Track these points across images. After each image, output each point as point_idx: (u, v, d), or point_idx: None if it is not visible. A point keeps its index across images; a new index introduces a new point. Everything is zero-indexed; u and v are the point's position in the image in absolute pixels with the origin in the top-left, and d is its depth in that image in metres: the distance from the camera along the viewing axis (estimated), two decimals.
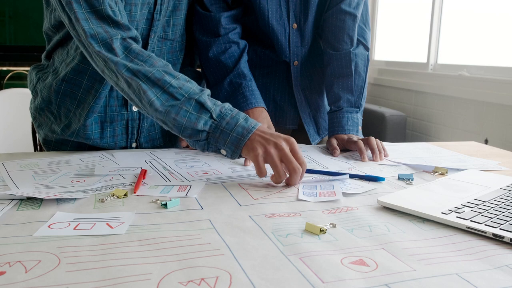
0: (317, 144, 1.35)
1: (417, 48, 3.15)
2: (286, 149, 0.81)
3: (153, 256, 0.53)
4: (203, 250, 0.55)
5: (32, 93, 1.10)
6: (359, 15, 1.25)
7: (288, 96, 1.31)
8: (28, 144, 1.58)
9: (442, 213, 0.66)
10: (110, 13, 0.87)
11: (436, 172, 0.94)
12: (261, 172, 0.82)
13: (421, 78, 3.02)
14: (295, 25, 1.23)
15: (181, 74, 0.89)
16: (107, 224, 0.62)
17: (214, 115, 0.84)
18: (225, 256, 0.53)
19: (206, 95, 0.87)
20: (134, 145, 1.13)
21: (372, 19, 3.71)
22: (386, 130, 2.82)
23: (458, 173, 0.91)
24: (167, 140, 1.21)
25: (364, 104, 1.27)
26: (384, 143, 1.23)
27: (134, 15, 0.98)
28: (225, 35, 1.16)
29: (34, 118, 1.11)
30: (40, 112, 1.08)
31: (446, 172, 0.94)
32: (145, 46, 1.04)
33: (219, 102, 0.87)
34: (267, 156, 0.81)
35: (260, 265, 0.51)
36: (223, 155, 0.86)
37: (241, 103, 1.10)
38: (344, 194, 0.78)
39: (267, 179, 0.87)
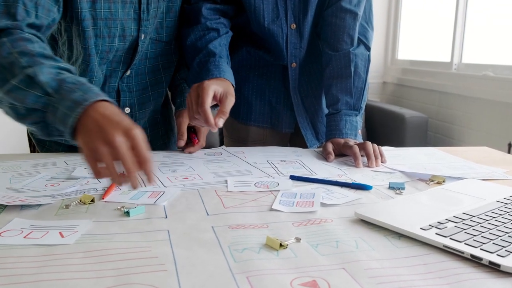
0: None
1: (440, 47, 3.03)
2: (122, 146, 0.64)
3: (92, 270, 0.50)
4: (147, 264, 0.51)
5: None
6: (360, 13, 1.19)
7: (284, 99, 1.26)
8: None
9: (421, 228, 0.61)
10: (20, 11, 0.80)
11: (432, 180, 0.88)
12: (95, 174, 0.67)
13: (445, 78, 2.90)
14: (293, 25, 1.18)
15: (40, 50, 0.76)
16: (60, 233, 0.60)
17: (49, 90, 0.70)
18: (167, 273, 0.49)
19: (47, 68, 0.73)
20: None
21: (395, 17, 3.60)
22: (406, 132, 2.71)
23: (455, 183, 0.84)
24: (159, 142, 1.18)
25: (364, 106, 1.21)
26: (386, 148, 1.17)
27: (115, 13, 0.95)
28: (204, 24, 1.10)
29: None
30: None
31: (444, 181, 0.87)
32: (135, 47, 1.02)
33: (66, 76, 0.73)
34: (96, 154, 0.65)
35: (201, 284, 0.47)
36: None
37: (204, 77, 0.99)
38: (323, 204, 0.73)
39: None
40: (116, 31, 0.96)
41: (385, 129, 2.97)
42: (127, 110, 1.07)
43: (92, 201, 0.72)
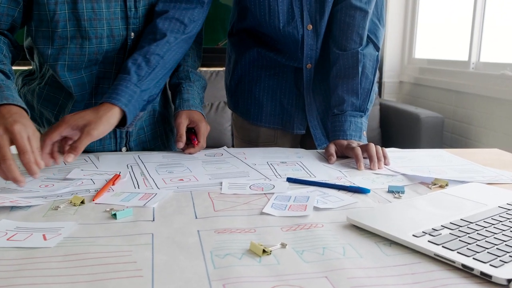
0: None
1: (458, 45, 2.96)
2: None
3: (67, 274, 0.49)
4: (124, 270, 0.50)
5: None
6: (370, 11, 1.16)
7: (296, 99, 1.24)
8: None
9: (413, 235, 0.58)
10: None
11: (435, 184, 0.85)
12: None
13: (462, 77, 2.83)
14: (310, 26, 1.15)
15: None
16: (43, 235, 0.59)
17: None
18: (143, 279, 0.48)
19: None
20: (124, 149, 1.10)
21: (412, 15, 3.53)
22: (420, 132, 2.66)
23: (457, 187, 0.81)
24: (158, 142, 1.17)
25: (371, 108, 1.18)
26: (392, 149, 1.14)
27: (99, 13, 0.94)
28: (152, 22, 1.02)
29: None
30: None
31: (446, 185, 0.84)
32: (125, 46, 1.01)
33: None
34: None
35: None
36: None
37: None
38: (316, 208, 0.71)
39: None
40: (103, 32, 0.96)
41: (400, 130, 2.91)
42: None
43: (82, 202, 0.71)
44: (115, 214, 0.65)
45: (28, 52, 1.06)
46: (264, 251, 0.54)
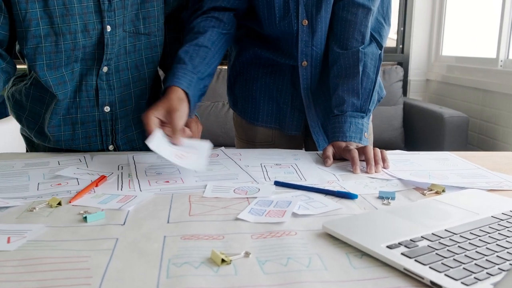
0: None
1: (486, 42, 2.83)
2: None
3: (16, 280, 0.48)
4: (75, 277, 0.49)
5: (5, 98, 1.12)
6: (374, 9, 1.11)
7: (292, 99, 1.20)
8: None
9: (387, 247, 0.54)
10: None
11: (431, 190, 0.80)
12: None
13: (490, 75, 2.71)
14: (305, 21, 1.12)
15: None
16: (8, 238, 0.58)
17: None
18: (89, 287, 0.47)
19: None
20: (111, 147, 1.09)
21: (440, 11, 3.41)
22: (444, 132, 2.56)
23: (453, 193, 0.76)
24: None
25: (373, 109, 1.13)
26: (395, 152, 1.09)
27: (71, 8, 0.93)
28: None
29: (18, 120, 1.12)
30: (16, 117, 1.09)
31: (443, 191, 0.79)
32: (102, 41, 0.98)
33: None
34: None
35: None
36: None
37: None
38: (295, 214, 0.68)
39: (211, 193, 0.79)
40: (76, 27, 0.95)
41: (423, 129, 2.82)
42: (107, 108, 1.05)
43: (59, 204, 0.71)
44: (86, 217, 0.64)
45: (20, 55, 1.07)
46: (223, 260, 0.52)
